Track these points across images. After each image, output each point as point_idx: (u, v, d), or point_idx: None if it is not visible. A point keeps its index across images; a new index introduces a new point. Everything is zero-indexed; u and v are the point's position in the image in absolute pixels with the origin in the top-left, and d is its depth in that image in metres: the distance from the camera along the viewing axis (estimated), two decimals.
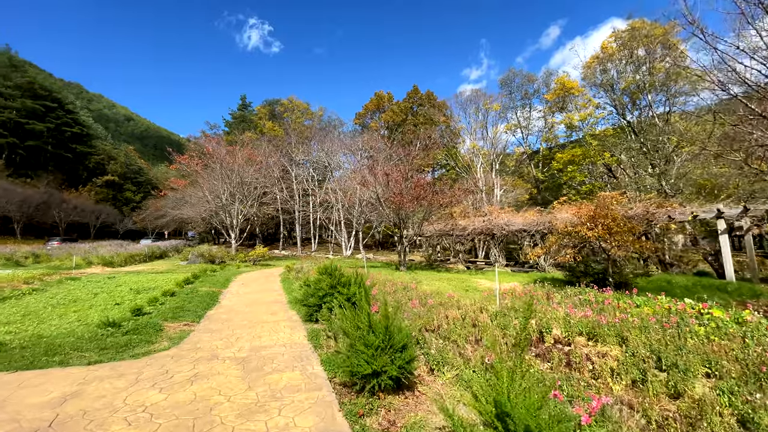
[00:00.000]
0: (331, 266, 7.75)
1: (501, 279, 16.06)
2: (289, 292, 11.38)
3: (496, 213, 21.44)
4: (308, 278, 9.49)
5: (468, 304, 8.48)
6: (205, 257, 24.28)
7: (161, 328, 7.01)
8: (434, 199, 18.34)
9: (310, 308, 7.33)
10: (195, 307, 9.12)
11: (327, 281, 7.38)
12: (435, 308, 8.05)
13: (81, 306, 9.68)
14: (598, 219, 10.81)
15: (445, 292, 11.45)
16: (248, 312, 8.81)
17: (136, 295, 11.47)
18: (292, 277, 14.61)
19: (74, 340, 6.05)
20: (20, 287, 12.86)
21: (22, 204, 48.02)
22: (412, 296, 9.76)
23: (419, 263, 26.16)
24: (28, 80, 59.72)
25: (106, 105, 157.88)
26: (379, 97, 49.65)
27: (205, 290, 11.81)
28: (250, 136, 43.55)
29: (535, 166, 39.54)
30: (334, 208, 36.75)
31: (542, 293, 10.45)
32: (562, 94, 32.75)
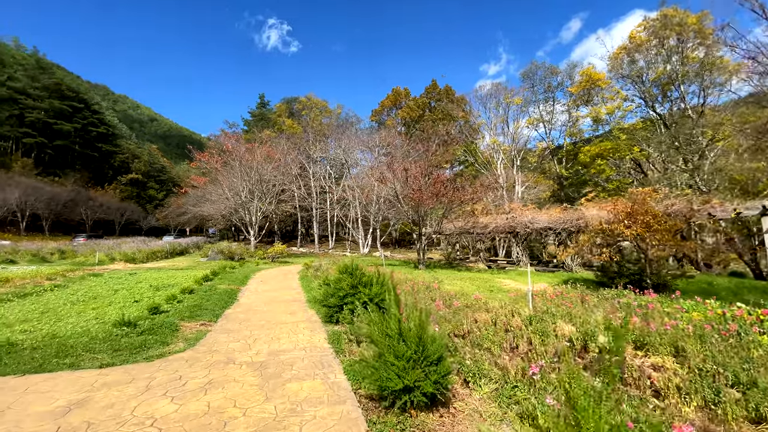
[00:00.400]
0: (351, 265, 7.34)
1: (526, 279, 15.37)
2: (308, 291, 11.06)
3: (520, 210, 20.64)
4: (327, 277, 9.11)
5: (497, 306, 7.93)
6: (224, 254, 24.37)
7: (177, 328, 6.76)
8: (455, 195, 17.74)
9: (330, 309, 6.94)
10: (213, 305, 8.89)
11: (348, 281, 6.98)
12: (461, 311, 7.54)
13: (100, 303, 9.59)
14: (637, 216, 10.04)
15: (470, 293, 10.91)
16: (266, 311, 8.51)
17: (156, 292, 11.38)
18: (311, 275, 14.32)
19: (88, 341, 5.84)
20: (43, 283, 12.99)
21: (50, 202, 49.73)
22: (435, 297, 9.27)
23: (438, 262, 25.58)
24: (55, 81, 61.83)
25: (131, 106, 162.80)
26: (396, 93, 49.05)
27: (223, 288, 11.63)
28: (269, 134, 43.73)
29: (558, 161, 38.21)
30: (351, 205, 36.48)
31: (575, 295, 9.78)
32: (587, 86, 31.40)
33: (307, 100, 50.02)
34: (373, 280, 7.05)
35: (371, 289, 6.85)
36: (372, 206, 32.40)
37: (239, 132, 49.66)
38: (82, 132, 65.28)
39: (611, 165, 29.48)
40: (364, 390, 3.93)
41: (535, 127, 38.75)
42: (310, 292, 10.65)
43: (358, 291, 6.83)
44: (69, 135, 62.23)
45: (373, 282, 7.04)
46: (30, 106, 57.52)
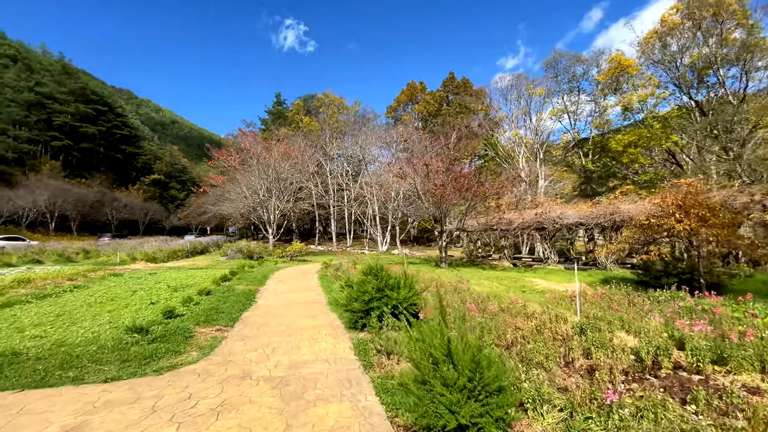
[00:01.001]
0: (376, 266, 6.71)
1: (559, 278, 14.44)
2: (328, 292, 10.51)
3: (547, 205, 19.56)
4: (349, 278, 8.51)
5: (538, 310, 7.15)
6: (243, 253, 24.22)
7: (191, 334, 6.28)
8: (478, 190, 16.88)
9: (354, 314, 6.33)
10: (230, 308, 8.43)
11: (373, 283, 6.34)
12: (498, 316, 6.81)
13: (117, 305, 9.30)
14: (690, 208, 9.03)
15: (502, 295, 10.14)
16: (286, 315, 7.98)
17: (173, 293, 11.08)
18: (330, 274, 13.79)
19: (96, 350, 5.41)
20: (63, 284, 12.91)
21: (78, 203, 51.14)
22: (465, 299, 8.55)
23: (460, 259, 24.73)
24: (80, 86, 63.60)
25: (154, 109, 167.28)
26: (411, 87, 48.09)
27: (241, 288, 11.22)
28: (286, 132, 43.62)
29: (584, 154, 36.55)
30: (369, 202, 35.91)
31: (621, 297, 8.88)
32: (616, 73, 29.70)
33: (325, 97, 49.65)
34: (401, 283, 6.40)
35: (399, 292, 6.20)
36: (390, 203, 31.75)
37: (256, 131, 49.80)
38: (107, 134, 67.04)
39: (645, 155, 27.76)
40: (403, 420, 3.29)
41: (558, 119, 37.18)
42: (331, 294, 10.09)
43: (385, 295, 6.19)
44: (94, 137, 63.97)
45: (401, 284, 6.38)
46: (57, 110, 59.35)
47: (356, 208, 38.13)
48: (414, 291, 6.41)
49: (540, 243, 31.36)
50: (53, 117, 59.07)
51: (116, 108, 74.82)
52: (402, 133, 35.13)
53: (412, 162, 17.96)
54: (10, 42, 64.88)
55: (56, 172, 55.44)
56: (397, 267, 16.56)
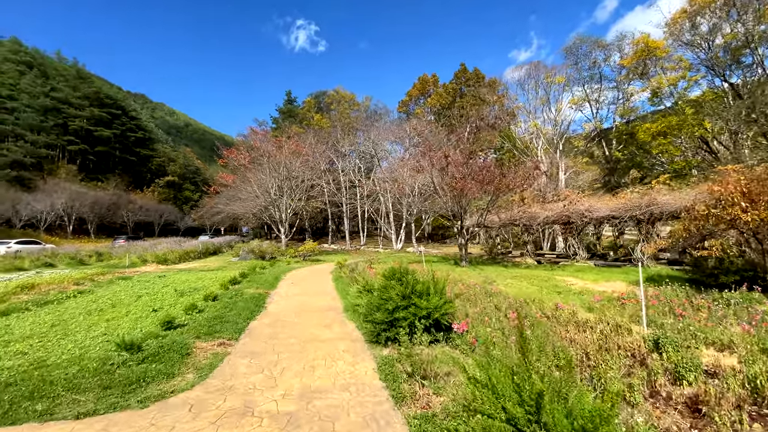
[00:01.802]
0: (399, 269, 5.76)
1: (595, 277, 13.22)
2: (344, 296, 9.62)
3: (574, 198, 18.29)
4: (367, 282, 7.59)
5: (591, 319, 6.09)
6: (255, 253, 23.61)
7: (189, 350, 5.45)
8: (501, 183, 15.74)
9: (377, 326, 5.39)
10: (236, 316, 7.61)
11: (397, 289, 5.40)
12: (545, 325, 5.80)
13: (117, 313, 8.61)
14: (758, 196, 7.80)
15: (538, 297, 9.07)
16: (297, 323, 7.11)
17: (179, 298, 10.38)
18: (345, 275, 12.92)
19: (76, 372, 4.61)
20: (68, 289, 12.37)
21: (94, 205, 51.66)
22: (500, 304, 7.55)
23: (479, 257, 23.59)
24: (94, 90, 64.34)
25: (168, 112, 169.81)
26: (423, 81, 46.83)
27: (251, 292, 10.43)
28: (297, 130, 43.02)
29: (607, 144, 34.81)
30: (383, 199, 34.97)
31: (679, 300, 7.72)
32: (643, 56, 27.93)
33: (335, 94, 48.84)
34: (430, 288, 5.43)
35: (429, 300, 5.24)
36: (405, 199, 30.75)
37: (267, 129, 49.33)
38: (121, 137, 67.74)
39: (676, 144, 26.02)
40: None
41: (579, 108, 35.45)
42: (347, 298, 9.19)
43: (412, 303, 5.24)
44: (109, 141, 64.68)
45: (430, 290, 5.42)
46: (72, 115, 60.13)
47: (369, 206, 37.24)
48: (445, 298, 5.44)
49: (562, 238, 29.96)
50: (69, 121, 59.88)
51: (130, 111, 75.61)
52: (415, 126, 34.00)
53: (429, 154, 16.93)
54: (26, 49, 66.02)
55: (73, 175, 56.18)
56: (415, 266, 15.59)
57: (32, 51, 67.56)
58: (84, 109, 61.45)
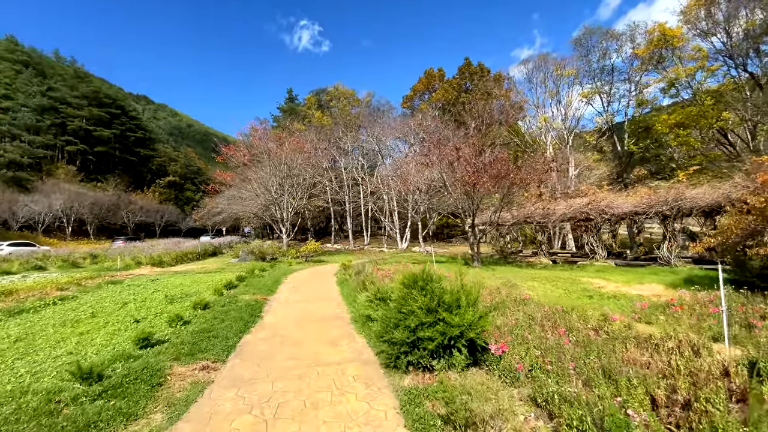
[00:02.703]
0: (422, 274, 4.69)
1: (625, 278, 12.08)
2: (351, 303, 8.57)
3: (594, 193, 17.16)
4: (379, 288, 6.51)
5: (655, 335, 4.99)
6: (255, 254, 22.60)
7: (163, 377, 4.41)
8: (516, 177, 14.62)
9: (395, 347, 4.32)
10: (227, 328, 6.56)
11: (421, 301, 4.32)
12: (595, 343, 4.72)
13: (94, 324, 7.60)
14: None
15: (573, 303, 7.97)
16: (298, 339, 6.06)
17: (168, 305, 9.38)
18: (351, 279, 11.86)
19: (10, 414, 3.56)
20: (50, 295, 11.39)
21: (93, 206, 50.81)
22: (533, 314, 6.47)
23: (489, 256, 22.48)
24: (93, 89, 63.52)
25: (170, 113, 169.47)
26: (428, 75, 45.65)
27: (246, 299, 9.38)
28: (299, 127, 41.97)
29: (619, 139, 33.53)
30: (387, 197, 33.89)
31: (740, 306, 6.60)
32: (659, 45, 26.64)
33: (335, 90, 47.75)
34: (461, 299, 4.36)
35: (461, 314, 4.16)
36: (411, 196, 29.65)
37: (268, 128, 48.29)
38: (121, 137, 66.91)
39: (695, 136, 24.70)
40: None
41: (589, 101, 34.16)
42: (355, 306, 8.14)
43: (439, 319, 4.17)
44: (108, 141, 63.86)
45: (461, 301, 4.34)
46: (71, 115, 59.32)
47: (373, 204, 36.15)
48: (480, 311, 4.36)
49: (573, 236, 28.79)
50: (67, 121, 59.07)
51: (130, 111, 74.78)
52: (421, 122, 32.83)
53: (439, 147, 15.84)
54: (22, 47, 65.21)
55: (72, 176, 55.39)
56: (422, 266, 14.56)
57: (29, 50, 66.79)
58: (82, 108, 60.63)
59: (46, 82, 60.27)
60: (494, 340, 4.41)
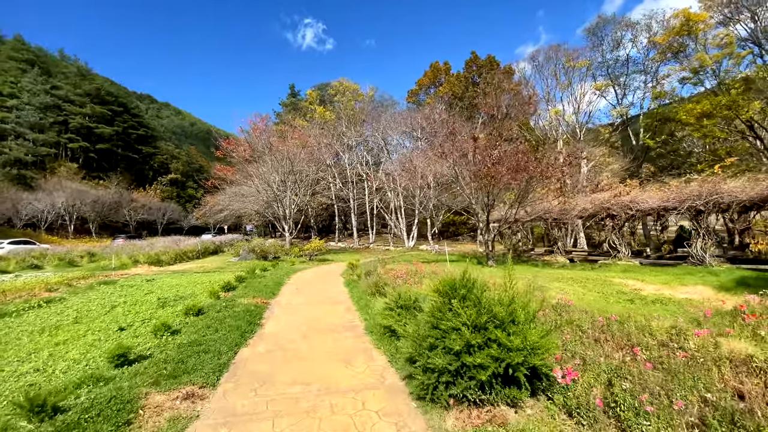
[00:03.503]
0: (462, 281, 3.71)
1: (664, 278, 11.02)
2: (363, 308, 7.61)
3: (617, 187, 16.09)
4: (401, 293, 5.52)
5: (758, 356, 3.97)
6: (256, 253, 21.69)
7: (134, 411, 3.46)
8: (536, 170, 13.59)
9: (433, 374, 3.33)
10: (220, 341, 5.62)
11: (464, 315, 3.34)
12: (680, 366, 3.74)
13: (74, 332, 6.71)
14: None
15: (613, 310, 6.97)
16: (304, 356, 5.10)
17: (159, 309, 8.48)
18: (361, 280, 10.89)
19: None
20: (39, 296, 10.55)
21: (95, 204, 50.22)
22: (581, 323, 5.48)
23: (502, 255, 21.43)
24: (95, 87, 62.84)
25: (173, 112, 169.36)
26: (434, 68, 44.47)
27: (245, 303, 8.45)
28: (301, 123, 41.00)
29: (634, 132, 32.30)
30: (393, 194, 32.87)
31: None
32: (682, 33, 25.30)
33: (339, 84, 46.64)
34: (517, 312, 3.37)
35: (521, 333, 3.17)
36: (419, 192, 28.62)
37: (270, 123, 47.37)
38: (123, 135, 66.27)
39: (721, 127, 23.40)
40: None
41: (603, 94, 32.92)
42: (368, 312, 7.19)
43: (492, 339, 3.18)
44: (111, 138, 63.22)
45: (517, 315, 3.36)
46: (73, 112, 58.69)
47: (379, 201, 35.14)
48: (542, 328, 3.38)
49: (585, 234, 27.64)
50: (69, 119, 58.44)
51: (132, 108, 74.14)
52: (428, 115, 31.72)
53: (452, 138, 14.81)
54: (28, 47, 64.67)
55: (74, 173, 54.76)
56: (435, 266, 13.54)
57: (35, 49, 66.27)
58: (85, 106, 59.97)
59: (50, 81, 59.61)
60: (573, 370, 3.41)
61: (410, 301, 5.10)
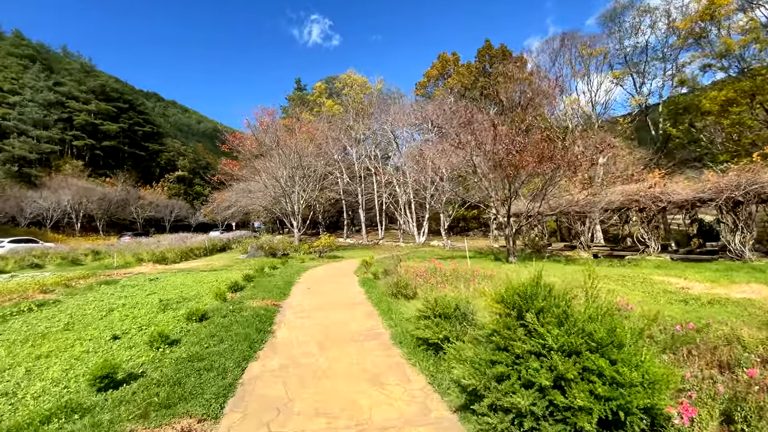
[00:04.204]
0: (536, 287, 2.84)
1: (702, 276, 10.06)
2: (385, 312, 6.77)
3: (650, 178, 15.05)
4: (438, 299, 4.64)
5: None
6: (264, 250, 20.98)
7: None
8: (563, 158, 12.62)
9: (507, 415, 2.47)
10: (226, 354, 4.82)
11: (551, 335, 2.47)
12: None
13: (62, 342, 5.98)
14: None
15: (665, 314, 6.06)
16: (323, 371, 4.28)
17: (160, 313, 7.75)
18: (380, 280, 10.07)
19: None
20: (32, 298, 9.90)
21: (102, 202, 49.96)
22: (652, 333, 4.61)
23: (520, 250, 20.49)
24: (100, 83, 62.52)
25: (180, 110, 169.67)
26: (442, 59, 43.29)
27: (254, 306, 7.66)
28: (308, 117, 40.15)
29: (653, 122, 31.01)
30: (400, 190, 31.97)
31: None
32: (704, 18, 23.99)
33: (347, 77, 45.63)
34: (621, 333, 2.50)
35: (635, 363, 2.30)
36: (430, 186, 27.68)
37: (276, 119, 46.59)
38: (129, 132, 65.97)
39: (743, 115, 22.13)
40: None
41: (620, 83, 31.61)
42: (390, 315, 6.38)
43: (589, 367, 2.31)
44: (116, 135, 62.94)
45: (622, 336, 2.48)
46: (77, 109, 58.42)
47: (388, 196, 34.25)
48: (650, 353, 2.50)
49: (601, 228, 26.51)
50: (74, 116, 58.18)
51: (137, 105, 73.80)
52: (440, 104, 30.68)
53: (470, 126, 13.87)
54: (28, 42, 64.40)
55: (79, 171, 54.57)
56: (454, 263, 12.65)
57: (36, 45, 66.01)
58: (89, 103, 59.68)
59: (53, 77, 59.35)
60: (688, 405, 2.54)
61: (450, 309, 4.24)
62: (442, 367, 4.00)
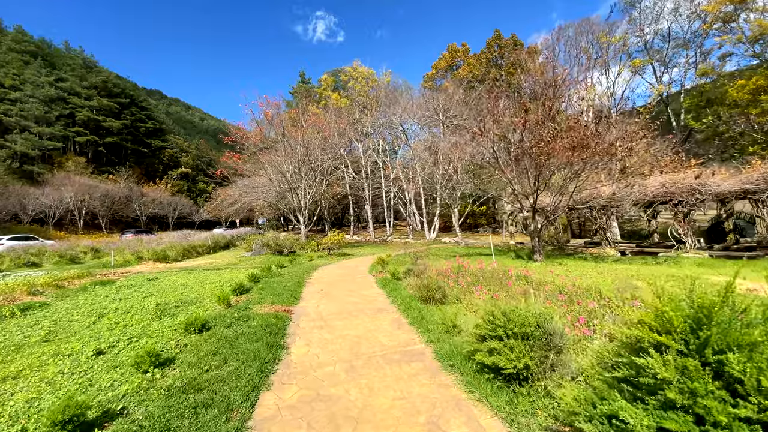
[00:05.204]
0: (721, 308, 1.75)
1: (756, 276, 8.97)
2: (418, 320, 5.72)
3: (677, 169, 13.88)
4: (507, 312, 3.56)
5: None
6: (270, 247, 20.00)
7: None
8: (598, 147, 11.48)
9: None
10: (231, 380, 3.80)
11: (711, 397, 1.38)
12: None
13: (36, 358, 4.99)
14: None
15: None
16: (358, 413, 3.27)
17: (155, 320, 6.76)
18: (402, 280, 9.01)
19: None
20: (17, 300, 8.98)
21: (105, 199, 49.29)
22: None
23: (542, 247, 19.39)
24: (102, 79, 61.66)
25: (183, 107, 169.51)
26: (452, 50, 41.98)
27: (263, 313, 6.65)
28: (314, 110, 39.10)
29: (675, 113, 29.64)
30: (407, 186, 30.86)
31: None
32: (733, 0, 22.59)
33: (353, 70, 44.41)
34: None
35: None
36: (441, 180, 26.57)
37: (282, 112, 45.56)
38: (132, 128, 65.20)
39: None
40: None
41: (640, 72, 30.23)
42: (424, 325, 5.34)
43: None
44: (119, 132, 62.18)
45: None
46: (79, 105, 57.62)
47: (396, 191, 33.16)
48: None
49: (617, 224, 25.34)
50: (76, 112, 57.41)
51: (140, 101, 72.94)
52: (452, 95, 29.51)
53: (494, 113, 12.74)
54: (30, 38, 63.60)
55: (82, 167, 53.90)
56: (478, 261, 11.61)
57: (38, 40, 65.22)
58: (92, 98, 58.85)
59: (55, 73, 58.56)
60: None
61: (529, 328, 3.18)
62: (520, 406, 2.96)
